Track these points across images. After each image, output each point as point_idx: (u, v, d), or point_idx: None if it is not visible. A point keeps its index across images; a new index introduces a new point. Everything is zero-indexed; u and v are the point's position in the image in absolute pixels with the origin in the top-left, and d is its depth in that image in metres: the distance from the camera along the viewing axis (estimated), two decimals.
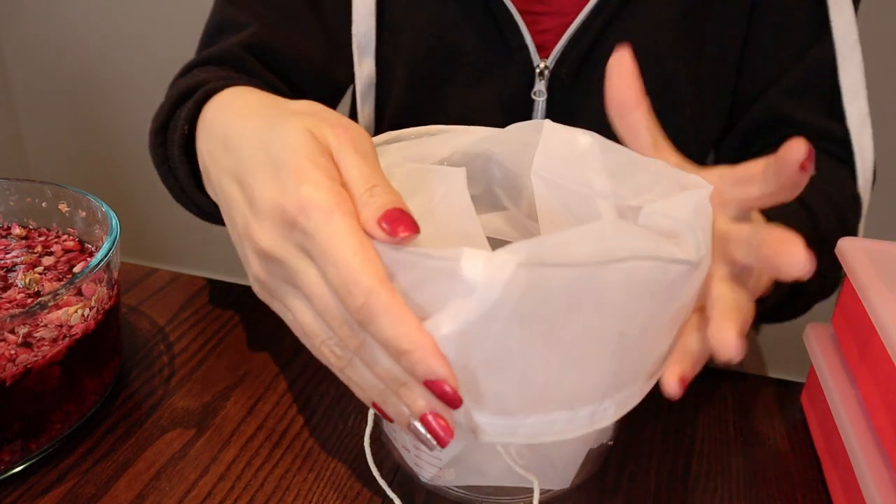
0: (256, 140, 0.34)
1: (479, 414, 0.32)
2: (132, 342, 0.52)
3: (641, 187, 0.37)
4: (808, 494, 0.42)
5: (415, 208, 0.37)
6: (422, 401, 0.30)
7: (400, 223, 0.29)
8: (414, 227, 0.29)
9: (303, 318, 0.33)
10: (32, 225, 0.52)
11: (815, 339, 0.47)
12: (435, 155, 0.41)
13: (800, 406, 0.49)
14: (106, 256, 0.42)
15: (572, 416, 0.32)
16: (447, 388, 0.29)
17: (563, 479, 0.39)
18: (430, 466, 0.38)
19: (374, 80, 0.62)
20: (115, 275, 0.44)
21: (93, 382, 0.43)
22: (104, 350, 0.44)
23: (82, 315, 0.41)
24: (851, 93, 0.56)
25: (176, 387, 0.47)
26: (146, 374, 0.49)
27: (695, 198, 0.33)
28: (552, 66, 0.57)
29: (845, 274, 0.43)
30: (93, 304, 0.42)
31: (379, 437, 0.44)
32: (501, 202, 0.43)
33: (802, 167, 0.31)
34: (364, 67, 0.61)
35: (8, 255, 0.48)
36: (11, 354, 0.38)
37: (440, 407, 0.30)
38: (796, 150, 0.30)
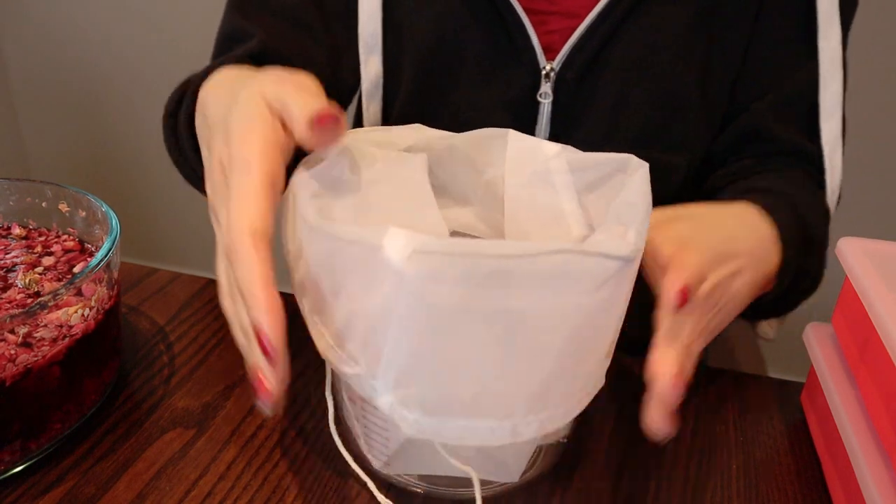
0: (221, 111, 0.37)
1: (405, 410, 0.32)
2: (132, 342, 0.52)
3: (602, 188, 0.38)
4: (808, 494, 0.42)
5: (374, 194, 0.37)
6: (252, 357, 0.32)
7: (323, 119, 0.32)
8: (335, 119, 0.32)
9: (217, 260, 0.36)
10: (32, 225, 0.52)
11: (815, 338, 0.47)
12: (400, 143, 0.41)
13: (800, 406, 0.49)
14: (106, 256, 0.42)
15: (497, 425, 0.32)
16: (265, 341, 0.30)
17: (510, 473, 0.39)
18: (379, 455, 0.38)
19: (381, 80, 0.62)
20: (115, 275, 0.44)
21: (93, 382, 0.43)
22: (104, 350, 0.44)
23: (82, 315, 0.41)
24: (828, 112, 0.57)
25: (176, 387, 0.47)
26: (146, 374, 0.49)
27: (640, 180, 0.34)
28: (558, 68, 0.57)
29: (846, 274, 0.43)
30: (93, 304, 0.42)
31: (342, 423, 0.44)
32: (463, 193, 0.43)
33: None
34: (370, 67, 0.61)
35: (8, 255, 0.48)
36: (11, 354, 0.38)
37: (266, 367, 0.31)
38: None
